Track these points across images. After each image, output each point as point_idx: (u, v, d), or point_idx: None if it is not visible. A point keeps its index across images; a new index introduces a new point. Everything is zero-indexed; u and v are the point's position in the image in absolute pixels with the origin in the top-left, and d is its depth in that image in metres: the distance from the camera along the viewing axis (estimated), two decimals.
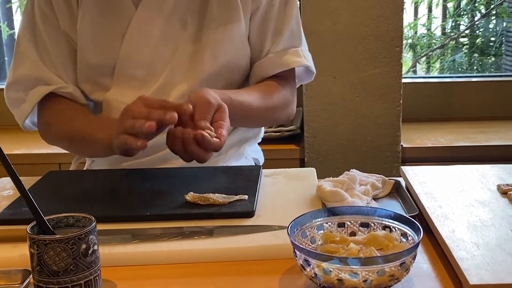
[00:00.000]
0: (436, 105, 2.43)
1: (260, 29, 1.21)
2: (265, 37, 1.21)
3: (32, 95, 1.18)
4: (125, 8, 1.17)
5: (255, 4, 1.19)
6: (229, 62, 1.19)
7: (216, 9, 1.17)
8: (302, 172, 1.15)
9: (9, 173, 0.71)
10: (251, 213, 0.92)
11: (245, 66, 1.23)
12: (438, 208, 0.89)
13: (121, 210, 0.94)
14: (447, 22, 2.95)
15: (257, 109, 1.17)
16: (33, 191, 1.02)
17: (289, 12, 1.22)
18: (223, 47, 1.18)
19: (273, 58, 1.21)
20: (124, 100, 1.17)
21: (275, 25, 1.21)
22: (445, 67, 2.94)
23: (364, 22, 2.02)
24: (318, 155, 2.10)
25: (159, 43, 1.17)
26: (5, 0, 2.70)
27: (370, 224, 0.79)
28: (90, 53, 1.19)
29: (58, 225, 0.74)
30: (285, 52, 1.21)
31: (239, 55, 1.21)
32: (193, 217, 0.91)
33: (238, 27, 1.18)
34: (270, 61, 1.21)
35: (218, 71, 1.18)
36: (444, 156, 2.03)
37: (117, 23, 1.17)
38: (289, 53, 1.21)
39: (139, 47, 1.17)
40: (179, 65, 1.17)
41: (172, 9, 1.16)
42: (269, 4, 1.20)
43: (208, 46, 1.17)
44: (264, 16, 1.20)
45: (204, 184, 1.03)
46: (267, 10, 1.20)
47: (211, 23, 1.17)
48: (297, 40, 1.23)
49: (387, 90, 2.05)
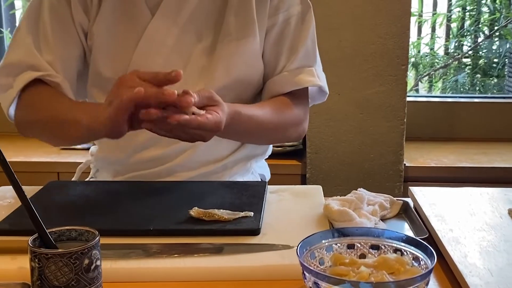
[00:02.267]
0: (439, 125, 2.42)
1: (276, 46, 1.20)
2: (280, 55, 1.20)
3: (19, 79, 1.15)
4: (142, 15, 1.15)
5: (272, 20, 1.18)
6: (241, 77, 1.18)
7: (233, 22, 1.16)
8: (308, 189, 1.13)
9: (12, 183, 0.69)
10: (257, 231, 0.90)
11: (257, 81, 1.21)
12: (449, 231, 0.87)
13: (123, 224, 0.92)
14: (451, 42, 2.95)
15: (268, 124, 1.15)
16: (33, 201, 0.99)
17: (305, 31, 1.20)
18: (236, 62, 1.16)
19: (287, 76, 1.19)
20: None
21: (291, 43, 1.20)
22: (448, 87, 2.94)
23: (370, 40, 2.01)
24: (319, 171, 2.08)
25: (171, 53, 1.15)
26: (8, 7, 2.69)
27: (380, 247, 0.77)
28: (103, 59, 1.17)
29: (60, 238, 0.71)
30: (299, 71, 1.20)
31: (252, 70, 1.19)
32: (197, 233, 0.89)
33: (252, 42, 1.16)
34: (284, 79, 1.20)
35: (230, 86, 1.16)
36: (447, 177, 2.01)
37: (132, 30, 1.16)
38: (303, 72, 1.20)
39: (151, 56, 1.15)
40: (191, 77, 1.16)
41: (188, 19, 1.15)
42: (286, 22, 1.19)
43: (221, 59, 1.16)
44: (280, 33, 1.19)
45: (209, 199, 1.01)
46: (284, 27, 1.19)
47: (226, 37, 1.16)
48: (312, 60, 1.22)
49: (392, 108, 2.04)
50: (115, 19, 1.16)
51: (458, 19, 2.93)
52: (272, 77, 1.21)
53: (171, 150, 1.17)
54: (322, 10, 1.99)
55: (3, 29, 2.66)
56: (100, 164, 1.28)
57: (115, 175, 1.22)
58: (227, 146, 1.22)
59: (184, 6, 1.15)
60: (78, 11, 1.16)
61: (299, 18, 1.20)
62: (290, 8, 1.19)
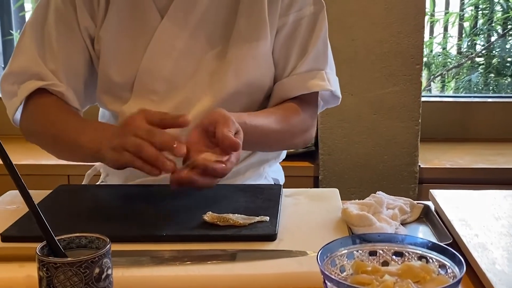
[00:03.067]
0: (452, 125, 2.38)
1: (285, 48, 1.16)
2: (289, 56, 1.16)
3: (23, 88, 1.13)
4: (151, 18, 1.12)
5: (282, 20, 1.14)
6: (252, 80, 1.14)
7: (244, 25, 1.12)
8: (324, 192, 1.10)
9: (19, 187, 0.66)
10: (273, 236, 0.86)
11: (269, 84, 1.18)
12: (474, 236, 0.84)
13: (135, 230, 0.88)
14: (463, 41, 2.91)
15: (273, 133, 1.12)
16: (42, 206, 0.96)
17: (317, 32, 1.16)
18: (247, 65, 1.13)
19: (296, 79, 1.16)
20: None
21: (301, 44, 1.16)
22: (461, 87, 2.89)
23: (383, 39, 1.97)
24: (332, 173, 2.04)
25: (181, 57, 1.12)
26: (18, 9, 2.67)
27: (404, 254, 0.73)
28: (112, 64, 1.14)
29: (69, 245, 0.68)
30: (309, 74, 1.16)
31: (263, 73, 1.16)
32: (211, 239, 0.86)
33: (264, 45, 1.13)
34: (293, 82, 1.16)
35: (241, 89, 1.13)
36: (463, 178, 1.97)
37: (141, 34, 1.13)
38: (313, 75, 1.15)
39: (161, 60, 1.12)
40: (201, 81, 1.13)
41: (198, 22, 1.12)
42: (297, 23, 1.15)
43: (232, 63, 1.12)
44: (290, 34, 1.15)
45: (223, 203, 0.98)
46: (295, 28, 1.15)
47: (237, 40, 1.12)
48: (323, 62, 1.17)
49: (406, 108, 2.00)
50: (123, 22, 1.13)
51: (470, 18, 2.89)
52: (281, 80, 1.17)
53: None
54: (335, 8, 1.95)
55: (13, 31, 2.65)
56: (109, 169, 1.25)
57: (125, 181, 1.19)
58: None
59: (194, 8, 1.11)
60: (84, 16, 1.13)
61: (311, 19, 1.16)
62: (303, 8, 1.15)
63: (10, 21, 2.67)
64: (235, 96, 1.13)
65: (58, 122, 1.10)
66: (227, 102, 1.10)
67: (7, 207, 1.01)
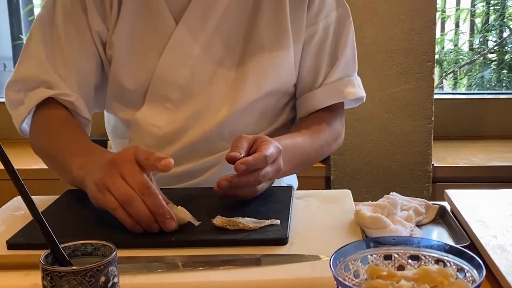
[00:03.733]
0: (465, 123, 2.35)
1: (316, 58, 1.13)
2: (320, 66, 1.14)
3: (31, 97, 1.08)
4: (165, 23, 1.09)
5: (311, 30, 1.11)
6: (271, 90, 1.11)
7: (265, 33, 1.09)
8: (336, 194, 1.07)
9: (21, 194, 0.65)
10: (285, 240, 0.84)
11: (286, 92, 1.15)
12: (493, 238, 0.81)
13: (143, 235, 0.86)
14: (475, 37, 2.87)
15: (309, 152, 1.10)
16: (49, 212, 0.96)
17: (345, 38, 1.14)
18: (268, 75, 1.10)
19: (328, 88, 1.14)
20: (155, 123, 1.10)
21: (330, 53, 1.14)
22: (473, 84, 2.85)
23: (394, 36, 1.94)
24: (344, 173, 2.01)
25: (197, 64, 1.09)
26: (27, 13, 2.67)
27: (420, 257, 0.71)
28: (124, 70, 1.11)
29: (74, 253, 0.66)
30: (340, 83, 1.14)
31: (283, 83, 1.13)
32: (221, 243, 0.83)
33: (285, 55, 1.10)
34: (325, 92, 1.14)
35: (260, 99, 1.11)
36: (477, 176, 1.94)
37: (155, 40, 1.09)
38: (344, 83, 1.14)
39: (176, 67, 1.09)
40: (218, 89, 1.09)
41: (215, 28, 1.08)
42: (326, 30, 1.12)
43: (252, 72, 1.09)
44: (320, 43, 1.13)
45: (232, 206, 0.96)
46: (324, 36, 1.12)
47: (257, 48, 1.09)
48: (352, 69, 1.16)
49: (418, 106, 1.97)
50: (136, 27, 1.09)
51: (482, 14, 2.86)
52: (313, 90, 1.14)
53: (198, 166, 1.12)
54: None
55: (23, 35, 2.65)
56: None
57: None
58: None
59: (211, 14, 1.08)
60: (95, 20, 1.09)
61: (337, 25, 1.13)
62: (329, 15, 1.13)
63: (20, 25, 2.67)
64: (253, 104, 1.10)
65: (58, 141, 1.05)
66: (244, 111, 1.09)
67: (13, 213, 0.99)
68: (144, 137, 1.12)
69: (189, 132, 1.11)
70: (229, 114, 1.09)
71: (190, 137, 1.10)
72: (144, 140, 1.12)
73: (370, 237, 0.80)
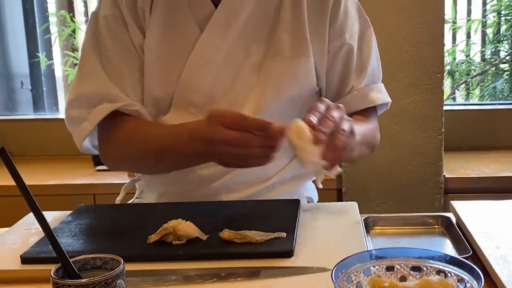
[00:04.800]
0: (478, 133, 2.34)
1: (344, 66, 1.17)
2: (348, 75, 1.18)
3: (95, 112, 1.10)
4: (190, 31, 1.12)
5: (339, 42, 1.15)
6: (291, 96, 1.14)
7: (286, 41, 1.12)
8: (342, 206, 1.09)
9: (33, 210, 0.67)
10: (290, 252, 0.86)
11: (306, 101, 1.15)
12: (496, 249, 0.82)
13: (152, 249, 0.89)
14: (487, 48, 2.87)
15: (368, 131, 1.15)
16: (62, 226, 0.98)
17: (369, 47, 1.19)
18: (288, 82, 1.13)
19: (357, 95, 1.18)
20: None
21: (358, 61, 1.18)
22: (486, 94, 2.85)
23: (402, 48, 1.96)
24: (356, 185, 2.02)
25: (220, 70, 1.12)
26: (43, 31, 2.73)
27: (422, 268, 0.72)
28: (153, 76, 1.14)
29: (84, 267, 0.69)
30: (368, 89, 1.18)
31: (303, 90, 1.16)
32: (228, 256, 0.85)
33: (306, 62, 1.13)
34: (355, 98, 1.18)
35: (280, 105, 1.14)
36: (490, 187, 1.94)
37: (181, 47, 1.13)
38: (371, 89, 1.19)
39: (200, 73, 1.12)
40: (240, 94, 1.13)
41: (238, 35, 1.12)
42: (352, 40, 1.17)
43: (272, 78, 1.12)
44: (348, 53, 1.17)
45: (240, 219, 0.98)
46: (351, 46, 1.16)
47: (277, 55, 1.12)
48: (378, 76, 1.22)
49: (428, 118, 1.98)
50: (163, 36, 1.13)
51: (493, 24, 2.85)
52: (342, 97, 1.18)
53: (221, 168, 1.10)
54: None
55: (39, 53, 2.70)
56: (144, 184, 1.25)
57: (159, 197, 1.20)
58: (272, 165, 1.13)
59: (234, 22, 1.11)
60: (136, 34, 1.13)
61: (360, 35, 1.18)
62: (353, 27, 1.17)
63: (36, 43, 2.72)
64: (273, 109, 1.13)
65: (150, 137, 1.09)
66: (265, 116, 1.09)
67: (27, 229, 1.02)
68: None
69: None
70: None
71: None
72: None
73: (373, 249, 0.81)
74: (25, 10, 2.70)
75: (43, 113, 2.70)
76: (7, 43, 2.72)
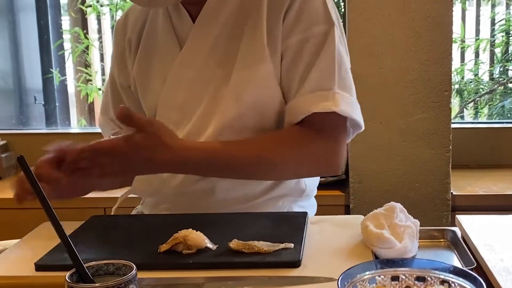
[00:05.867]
0: (486, 152, 2.35)
1: (290, 70, 1.11)
2: (293, 78, 1.11)
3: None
4: (171, 49, 1.17)
5: (286, 43, 1.10)
6: (255, 104, 1.11)
7: (245, 50, 1.12)
8: (349, 219, 1.11)
9: (50, 217, 0.70)
10: (297, 263, 0.87)
11: (276, 110, 1.13)
12: (499, 261, 0.83)
13: (162, 257, 0.91)
14: (495, 67, 2.89)
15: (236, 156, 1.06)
16: (75, 236, 1.01)
17: (325, 51, 1.08)
18: (247, 89, 1.11)
19: (299, 101, 1.09)
20: None
21: (304, 65, 1.09)
22: (494, 113, 2.86)
23: (410, 66, 1.98)
24: (363, 201, 2.04)
25: (193, 85, 1.15)
26: (57, 48, 2.77)
27: (426, 278, 0.74)
28: (143, 98, 1.22)
29: (98, 273, 0.71)
30: (312, 96, 1.07)
31: (266, 98, 1.12)
32: (237, 266, 0.87)
33: (264, 68, 1.10)
34: (297, 104, 1.09)
35: (243, 113, 1.11)
36: (497, 205, 1.94)
37: (163, 66, 1.18)
38: (317, 96, 1.07)
39: (175, 90, 1.16)
40: (207, 109, 1.14)
41: (210, 49, 1.14)
42: (302, 44, 1.10)
43: (233, 88, 1.12)
44: (294, 55, 1.10)
45: (248, 230, 0.99)
46: (299, 49, 1.10)
47: (239, 65, 1.12)
48: (330, 82, 1.07)
49: (436, 135, 1.99)
50: (149, 55, 1.19)
51: (502, 44, 2.88)
52: (288, 103, 1.12)
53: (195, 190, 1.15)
54: (362, 38, 1.98)
55: (53, 69, 2.75)
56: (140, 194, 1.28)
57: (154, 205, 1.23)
58: (255, 185, 1.17)
59: (208, 36, 1.14)
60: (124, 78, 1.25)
61: (319, 39, 1.09)
62: (310, 28, 1.10)
63: (50, 59, 2.77)
64: (238, 120, 1.11)
65: None
66: (232, 128, 1.11)
67: (41, 238, 1.05)
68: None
69: None
70: (217, 131, 1.12)
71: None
72: None
73: (378, 259, 0.83)
74: (40, 26, 2.75)
75: (55, 127, 2.75)
76: (22, 59, 2.77)
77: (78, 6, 2.75)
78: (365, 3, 1.97)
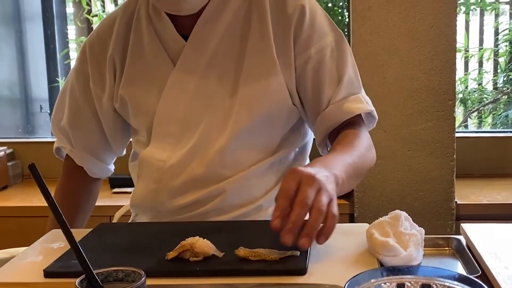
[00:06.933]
0: (490, 161, 2.36)
1: (315, 81, 1.16)
2: (322, 88, 1.16)
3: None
4: (164, 66, 1.18)
5: (304, 56, 1.15)
6: (266, 115, 1.16)
7: (253, 63, 1.15)
8: (354, 227, 1.11)
9: (60, 224, 0.71)
10: (303, 270, 0.88)
11: (285, 119, 1.18)
12: (504, 269, 0.84)
13: (170, 264, 0.92)
14: (499, 76, 2.90)
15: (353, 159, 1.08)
16: (83, 243, 1.01)
17: (344, 58, 1.17)
18: (258, 101, 1.15)
19: (335, 108, 1.15)
20: (160, 157, 1.17)
21: (331, 74, 1.16)
22: (498, 122, 2.87)
23: (415, 76, 1.99)
24: (368, 210, 2.04)
25: (193, 98, 1.16)
26: (63, 57, 2.79)
27: (432, 286, 0.74)
28: (133, 114, 1.22)
29: (107, 279, 0.72)
30: (346, 100, 1.15)
31: (277, 108, 1.16)
32: (243, 273, 0.88)
33: (275, 81, 1.14)
34: (333, 112, 1.15)
35: (255, 125, 1.15)
36: (501, 214, 1.95)
37: (156, 83, 1.19)
38: (350, 100, 1.15)
39: (174, 103, 1.17)
40: (214, 120, 1.16)
41: (207, 65, 1.16)
42: (320, 54, 1.16)
43: (244, 101, 1.15)
44: (317, 67, 1.16)
45: (255, 237, 1.00)
46: (320, 60, 1.16)
47: (248, 77, 1.15)
48: (357, 86, 1.18)
49: (440, 144, 2.00)
50: (139, 75, 1.20)
51: (505, 53, 2.89)
52: (321, 113, 1.17)
53: (205, 195, 1.16)
54: (366, 47, 1.99)
55: (59, 78, 2.77)
56: (139, 209, 1.28)
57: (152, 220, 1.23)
58: (258, 186, 1.19)
59: (204, 53, 1.16)
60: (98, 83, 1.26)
61: (333, 47, 1.17)
62: (321, 40, 1.16)
63: (56, 68, 2.79)
64: (250, 131, 1.15)
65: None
66: (241, 138, 1.13)
67: (49, 244, 1.06)
68: (151, 172, 1.19)
69: (192, 163, 1.16)
70: (226, 143, 1.14)
71: (194, 169, 1.16)
72: (151, 174, 1.19)
73: (384, 266, 0.84)
74: (46, 36, 2.78)
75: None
76: (28, 68, 2.79)
77: (84, 15, 2.77)
78: (369, 12, 1.99)
